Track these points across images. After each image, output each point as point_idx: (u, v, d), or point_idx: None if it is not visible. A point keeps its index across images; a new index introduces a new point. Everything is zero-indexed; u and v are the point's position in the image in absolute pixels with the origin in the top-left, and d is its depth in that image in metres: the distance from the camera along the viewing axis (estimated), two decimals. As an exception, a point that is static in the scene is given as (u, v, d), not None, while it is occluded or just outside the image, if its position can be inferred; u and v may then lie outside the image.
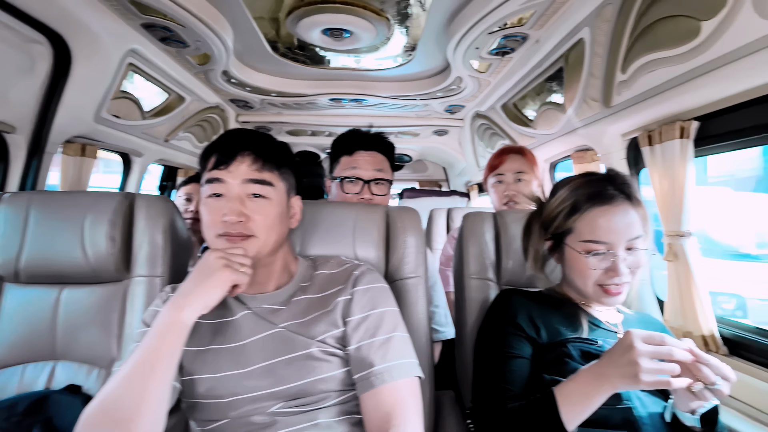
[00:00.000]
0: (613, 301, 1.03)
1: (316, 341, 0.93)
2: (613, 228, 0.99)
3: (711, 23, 1.09)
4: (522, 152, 1.80)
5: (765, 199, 5.33)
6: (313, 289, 1.03)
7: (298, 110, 3.06)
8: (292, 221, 1.06)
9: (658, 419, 0.95)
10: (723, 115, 1.29)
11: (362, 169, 1.43)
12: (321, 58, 2.26)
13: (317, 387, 0.91)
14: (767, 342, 1.28)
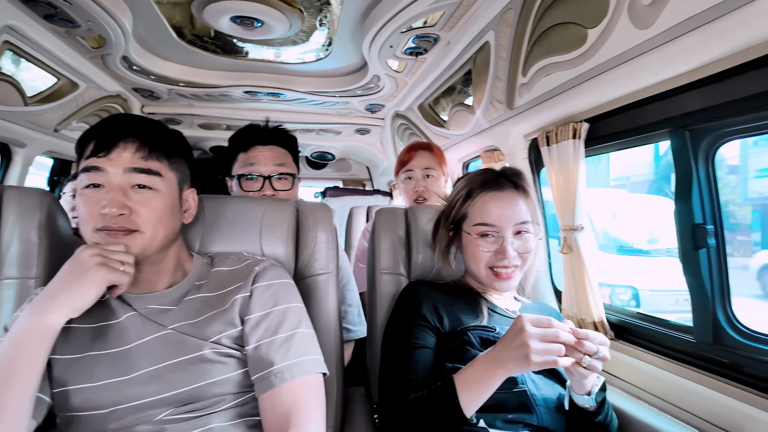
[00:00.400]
0: (505, 285, 1.09)
1: (210, 342, 0.88)
2: (502, 212, 1.07)
3: (595, 31, 1.18)
4: (430, 148, 1.85)
5: (655, 201, 5.98)
6: (209, 287, 0.97)
7: (210, 102, 2.91)
8: (186, 216, 1.00)
9: (551, 401, 1.01)
10: (608, 117, 1.41)
11: (261, 165, 1.39)
12: (239, 49, 2.16)
13: (210, 390, 0.86)
14: (647, 326, 1.42)
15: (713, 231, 1.17)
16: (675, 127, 1.20)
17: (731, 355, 1.13)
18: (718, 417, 1.09)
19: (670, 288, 3.94)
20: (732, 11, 0.88)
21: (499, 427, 0.95)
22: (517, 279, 1.12)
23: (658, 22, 1.01)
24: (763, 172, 7.34)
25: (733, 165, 7.65)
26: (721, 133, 1.14)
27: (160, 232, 0.89)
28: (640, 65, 1.14)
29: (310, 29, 1.91)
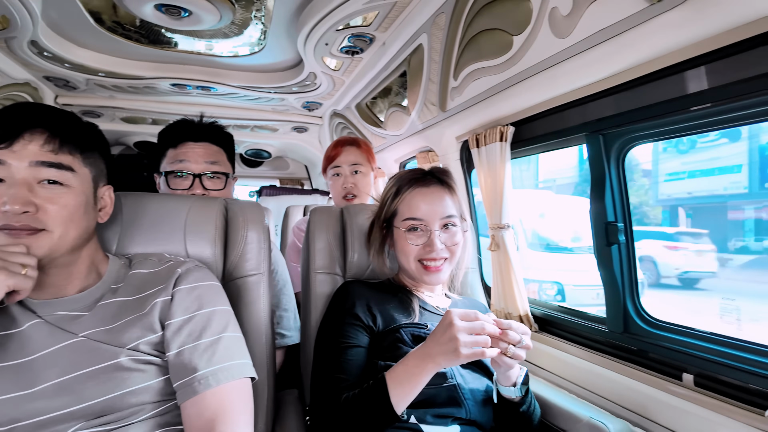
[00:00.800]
0: (434, 278, 1.12)
1: (127, 349, 0.83)
2: (429, 207, 1.12)
3: (520, 38, 1.24)
4: (357, 144, 1.82)
5: (578, 202, 6.39)
6: (126, 291, 0.91)
7: (134, 95, 2.72)
8: (101, 214, 0.93)
9: (478, 394, 1.05)
10: (532, 121, 1.49)
11: (191, 162, 1.32)
12: (167, 39, 2.04)
13: (127, 401, 0.80)
14: (567, 318, 1.51)
15: (623, 228, 1.27)
16: (590, 132, 1.29)
17: (639, 343, 1.24)
18: (627, 400, 1.18)
19: (591, 283, 4.23)
20: (636, 26, 0.96)
21: (429, 422, 0.97)
22: (446, 272, 1.15)
23: (575, 32, 1.08)
24: (672, 176, 8.08)
25: (646, 169, 8.36)
26: (630, 138, 1.24)
27: (72, 231, 0.82)
28: (559, 72, 1.22)
29: (243, 22, 1.85)
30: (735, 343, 1.04)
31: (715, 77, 0.95)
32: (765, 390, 0.93)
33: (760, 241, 6.85)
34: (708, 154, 7.48)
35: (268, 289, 1.20)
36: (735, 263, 6.54)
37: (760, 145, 6.90)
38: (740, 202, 7.23)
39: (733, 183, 7.21)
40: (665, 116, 1.08)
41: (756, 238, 6.89)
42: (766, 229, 6.83)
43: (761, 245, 6.77)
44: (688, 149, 7.77)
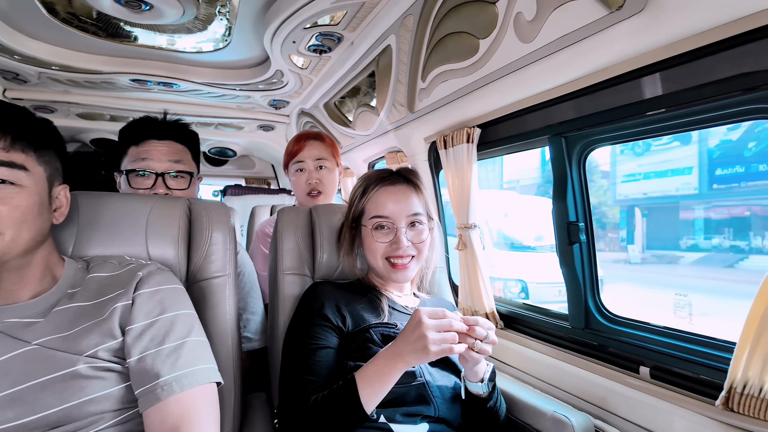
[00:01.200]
0: (402, 276, 1.14)
1: (85, 356, 0.79)
2: (395, 205, 1.13)
3: (486, 42, 1.27)
4: (321, 138, 1.74)
5: (541, 202, 6.58)
6: (84, 296, 0.87)
7: (91, 90, 2.60)
8: (56, 215, 0.88)
9: (447, 392, 1.06)
10: (498, 124, 1.52)
11: (154, 161, 1.28)
12: (126, 33, 1.96)
13: (86, 410, 0.77)
14: (531, 315, 1.56)
15: (584, 228, 1.32)
16: (553, 134, 1.33)
17: (599, 338, 1.28)
18: (589, 393, 1.23)
19: (553, 280, 4.36)
20: (596, 32, 1.00)
21: (398, 421, 0.97)
22: (414, 270, 1.16)
23: (539, 38, 1.11)
24: (629, 177, 8.44)
25: (605, 171, 8.69)
26: (591, 140, 1.28)
27: (24, 233, 0.78)
28: (524, 76, 1.25)
29: (207, 17, 1.80)
30: (687, 336, 1.09)
31: (669, 84, 1.00)
32: (715, 381, 0.98)
33: (709, 239, 7.24)
34: (662, 156, 7.85)
35: (234, 291, 1.17)
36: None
37: (709, 148, 7.29)
38: (690, 202, 7.61)
39: (685, 184, 7.59)
40: (623, 120, 1.13)
41: (705, 237, 7.28)
42: (714, 228, 7.23)
43: (709, 243, 7.16)
44: (644, 152, 8.13)
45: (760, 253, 6.40)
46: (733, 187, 7.00)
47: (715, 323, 4.29)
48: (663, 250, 8.00)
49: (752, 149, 6.75)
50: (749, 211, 6.95)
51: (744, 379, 0.87)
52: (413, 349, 0.87)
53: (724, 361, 0.97)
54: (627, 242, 8.28)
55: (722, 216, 7.22)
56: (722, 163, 7.14)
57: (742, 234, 6.90)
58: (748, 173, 6.87)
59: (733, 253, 6.84)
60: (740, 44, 0.86)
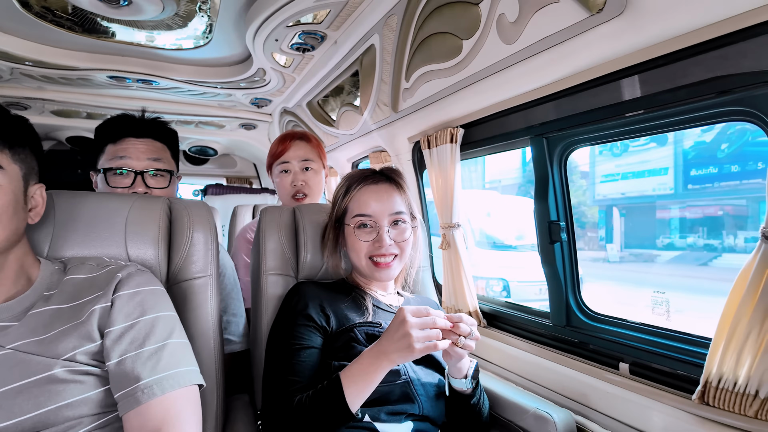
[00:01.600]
0: (385, 274, 1.14)
1: (62, 360, 0.77)
2: (378, 203, 1.14)
3: (469, 43, 1.28)
4: (307, 138, 1.69)
5: (522, 201, 6.66)
6: (61, 298, 0.85)
7: (66, 86, 2.53)
8: (32, 215, 0.86)
9: (431, 390, 1.07)
10: (480, 124, 1.54)
11: (133, 159, 1.25)
12: (104, 28, 1.91)
13: (63, 414, 0.75)
14: (513, 313, 1.57)
15: (565, 227, 1.34)
16: (534, 135, 1.35)
17: (580, 335, 1.31)
18: (569, 390, 1.25)
19: (534, 279, 4.42)
20: (577, 35, 1.01)
21: (383, 420, 0.98)
22: (397, 269, 1.17)
23: (521, 39, 1.12)
24: (607, 178, 8.61)
25: (584, 171, 8.85)
26: (571, 141, 1.30)
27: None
28: (506, 77, 1.26)
29: (187, 14, 1.77)
30: (664, 332, 1.12)
31: (646, 86, 1.02)
32: (692, 376, 1.01)
33: (684, 238, 7.43)
34: (639, 157, 8.03)
35: (216, 292, 1.16)
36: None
37: (684, 149, 7.48)
38: (666, 202, 7.80)
39: (661, 184, 7.77)
40: (603, 121, 1.15)
41: (681, 236, 7.46)
42: (688, 227, 7.42)
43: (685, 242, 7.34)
44: (622, 152, 8.30)
45: (732, 251, 6.59)
46: (707, 187, 7.20)
47: (690, 320, 4.41)
48: (640, 249, 8.18)
49: (725, 150, 6.95)
50: (722, 210, 7.16)
51: (719, 373, 0.89)
52: (398, 348, 0.88)
53: (700, 356, 0.99)
54: (606, 241, 8.44)
55: (696, 215, 7.41)
56: (697, 164, 7.34)
57: (716, 233, 7.09)
58: (721, 174, 7.07)
59: (707, 252, 7.03)
60: (714, 48, 0.88)
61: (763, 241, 0.81)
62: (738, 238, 6.65)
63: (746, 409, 0.86)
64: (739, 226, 6.77)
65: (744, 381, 0.86)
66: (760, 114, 0.86)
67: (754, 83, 0.84)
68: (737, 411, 0.87)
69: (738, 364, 0.87)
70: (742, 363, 0.86)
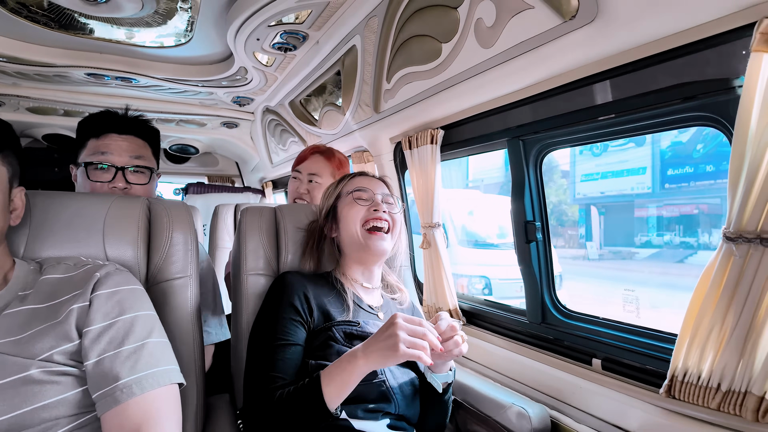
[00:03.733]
0: (379, 244, 1.17)
1: (39, 360, 0.77)
2: (369, 184, 1.25)
3: (448, 46, 1.30)
4: (327, 153, 1.76)
5: (504, 200, 6.72)
6: (37, 298, 0.84)
7: (43, 83, 2.48)
8: (13, 217, 0.86)
9: (407, 389, 1.09)
10: (460, 126, 1.56)
11: (115, 155, 1.26)
12: (81, 25, 1.88)
13: (39, 416, 0.75)
14: (492, 311, 1.61)
15: (541, 227, 1.38)
16: (511, 137, 1.38)
17: (555, 332, 1.34)
18: (545, 385, 1.28)
19: (515, 277, 4.47)
20: (551, 40, 1.04)
21: (360, 417, 0.99)
22: (389, 244, 1.20)
23: (498, 43, 1.15)
24: (587, 177, 8.76)
25: (565, 170, 8.99)
26: (547, 143, 1.34)
27: None
28: (484, 80, 1.29)
29: (167, 12, 1.76)
30: (635, 329, 1.16)
31: (617, 91, 1.05)
32: (659, 370, 1.05)
33: (661, 236, 7.61)
34: (618, 157, 8.19)
35: (196, 292, 1.16)
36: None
37: (661, 149, 7.66)
38: (644, 201, 7.98)
39: (639, 183, 7.94)
40: (577, 124, 1.18)
41: (658, 234, 7.65)
42: (665, 225, 7.60)
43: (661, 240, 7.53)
44: (602, 152, 8.45)
45: (707, 248, 6.77)
46: (683, 186, 7.38)
47: (665, 315, 4.53)
48: (619, 247, 8.35)
49: (700, 151, 7.14)
50: (697, 209, 7.35)
51: (684, 368, 0.93)
52: (382, 347, 0.88)
53: (668, 351, 1.03)
54: (586, 239, 8.59)
55: (673, 214, 7.60)
56: (673, 164, 7.52)
57: (691, 231, 7.28)
58: (697, 173, 7.25)
59: (682, 249, 7.21)
60: (680, 56, 0.92)
61: (724, 242, 0.85)
62: (713, 236, 6.84)
63: (709, 401, 0.90)
64: (714, 224, 6.96)
65: (707, 375, 0.90)
66: (722, 119, 0.90)
67: (717, 90, 0.88)
68: (701, 404, 0.91)
69: (702, 359, 0.90)
70: (705, 358, 0.90)
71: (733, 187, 0.83)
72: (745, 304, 0.83)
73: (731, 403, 0.87)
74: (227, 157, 4.32)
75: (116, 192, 1.25)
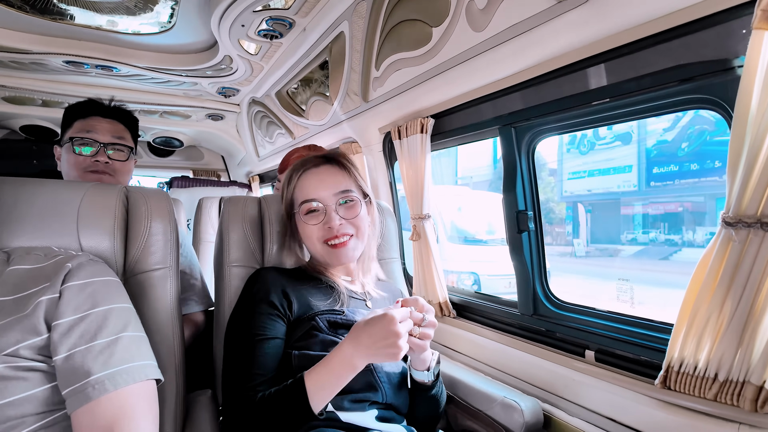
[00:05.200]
0: (343, 255, 1.09)
1: (3, 355, 0.71)
2: (321, 184, 1.10)
3: (439, 30, 1.26)
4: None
5: (493, 197, 6.74)
6: (2, 290, 0.78)
7: (18, 71, 2.39)
8: None
9: (394, 378, 1.05)
10: (451, 114, 1.53)
11: (99, 134, 1.38)
12: (61, 10, 1.81)
13: (4, 413, 0.69)
14: (482, 303, 1.58)
15: (533, 217, 1.35)
16: (503, 124, 1.34)
17: (547, 324, 1.32)
18: (537, 378, 1.26)
19: (504, 273, 4.48)
20: (544, 22, 1.01)
21: (346, 408, 0.95)
22: (356, 249, 1.12)
23: (490, 26, 1.12)
24: (574, 175, 8.81)
25: (552, 168, 9.03)
26: (539, 130, 1.31)
27: None
28: (476, 66, 1.25)
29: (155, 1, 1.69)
30: (629, 319, 1.14)
31: (612, 75, 1.03)
32: (654, 361, 1.03)
33: (647, 233, 7.69)
34: (605, 155, 8.25)
35: (175, 284, 1.11)
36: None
37: (647, 147, 7.74)
38: (630, 199, 8.06)
39: (625, 181, 8.01)
40: (570, 110, 1.16)
41: (644, 231, 7.72)
42: (651, 222, 7.68)
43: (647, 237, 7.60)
44: (588, 150, 8.51)
45: (691, 246, 6.85)
46: (668, 184, 7.46)
47: (651, 311, 4.56)
48: (606, 244, 8.42)
49: (685, 149, 7.22)
50: (682, 207, 7.44)
51: (680, 358, 0.91)
52: (383, 354, 0.85)
53: (662, 342, 1.01)
54: (573, 236, 8.65)
55: (658, 212, 7.68)
56: (659, 162, 7.60)
57: (676, 228, 7.37)
58: (682, 171, 7.34)
59: (667, 246, 7.30)
60: (676, 37, 0.89)
61: (723, 227, 0.83)
62: (697, 233, 6.93)
63: (706, 392, 0.88)
64: (698, 222, 7.05)
65: (704, 365, 0.88)
66: (721, 101, 0.87)
67: (714, 71, 0.86)
68: (697, 394, 0.89)
69: (698, 349, 0.88)
70: (702, 347, 0.88)
71: (733, 170, 0.80)
72: (744, 291, 0.81)
73: (729, 393, 0.84)
74: (213, 151, 4.25)
75: (98, 166, 1.34)
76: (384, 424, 0.98)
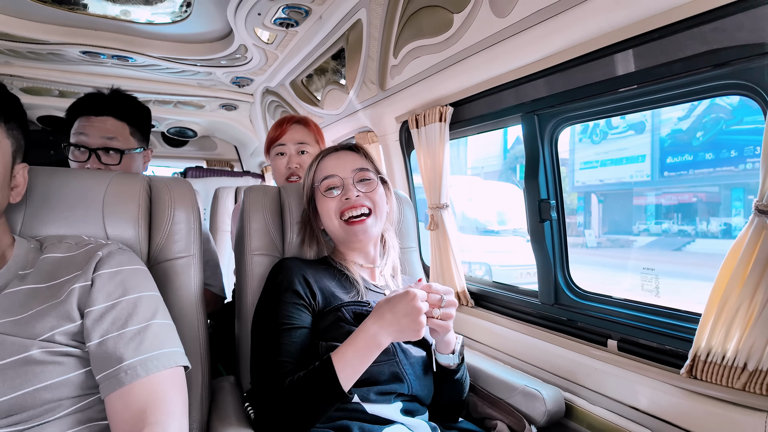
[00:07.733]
0: (361, 232, 1.11)
1: (40, 341, 0.73)
2: (339, 162, 1.15)
3: (461, 16, 1.24)
4: (304, 122, 1.68)
5: (504, 187, 6.70)
6: (37, 277, 0.80)
7: (36, 61, 2.41)
8: (14, 194, 0.83)
9: (419, 369, 1.06)
10: (470, 102, 1.51)
11: (89, 137, 1.32)
12: (75, 0, 1.81)
13: (41, 397, 0.71)
14: (501, 292, 1.57)
15: (555, 206, 1.34)
16: (525, 112, 1.33)
17: (568, 313, 1.31)
18: (557, 367, 1.26)
19: (515, 263, 4.46)
20: (571, 7, 0.99)
21: (372, 400, 0.96)
22: (374, 227, 1.13)
23: (514, 12, 1.10)
24: (586, 165, 8.72)
25: (564, 158, 8.93)
26: (563, 118, 1.29)
27: None
28: (498, 52, 1.24)
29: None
30: (652, 308, 1.13)
31: (641, 60, 1.01)
32: (679, 350, 1.02)
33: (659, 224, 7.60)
34: (617, 144, 8.14)
35: (199, 272, 1.12)
36: (639, 243, 7.24)
37: (661, 137, 7.62)
38: (643, 189, 7.95)
39: (638, 171, 7.90)
40: (596, 97, 1.14)
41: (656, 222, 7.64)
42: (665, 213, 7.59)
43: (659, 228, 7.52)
44: (601, 140, 8.40)
45: (704, 237, 6.77)
46: (682, 174, 7.35)
47: (666, 302, 4.52)
48: (617, 235, 8.34)
49: (700, 138, 7.10)
50: (696, 197, 7.33)
51: (708, 347, 0.90)
52: (405, 328, 0.88)
53: (688, 331, 1.00)
54: (584, 227, 8.58)
55: (671, 202, 7.58)
56: (673, 152, 7.48)
57: (689, 219, 7.27)
58: (696, 161, 7.22)
59: (680, 237, 7.21)
60: (709, 21, 0.87)
61: (756, 215, 0.81)
62: (711, 225, 6.83)
63: (734, 381, 0.87)
64: (712, 213, 6.95)
65: (732, 354, 0.87)
66: (756, 87, 0.85)
67: (750, 56, 0.84)
68: (725, 384, 0.88)
69: (727, 338, 0.88)
70: (731, 337, 0.87)
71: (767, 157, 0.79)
72: (777, 280, 0.80)
73: (758, 383, 0.84)
74: (226, 141, 4.26)
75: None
76: (408, 417, 0.99)
